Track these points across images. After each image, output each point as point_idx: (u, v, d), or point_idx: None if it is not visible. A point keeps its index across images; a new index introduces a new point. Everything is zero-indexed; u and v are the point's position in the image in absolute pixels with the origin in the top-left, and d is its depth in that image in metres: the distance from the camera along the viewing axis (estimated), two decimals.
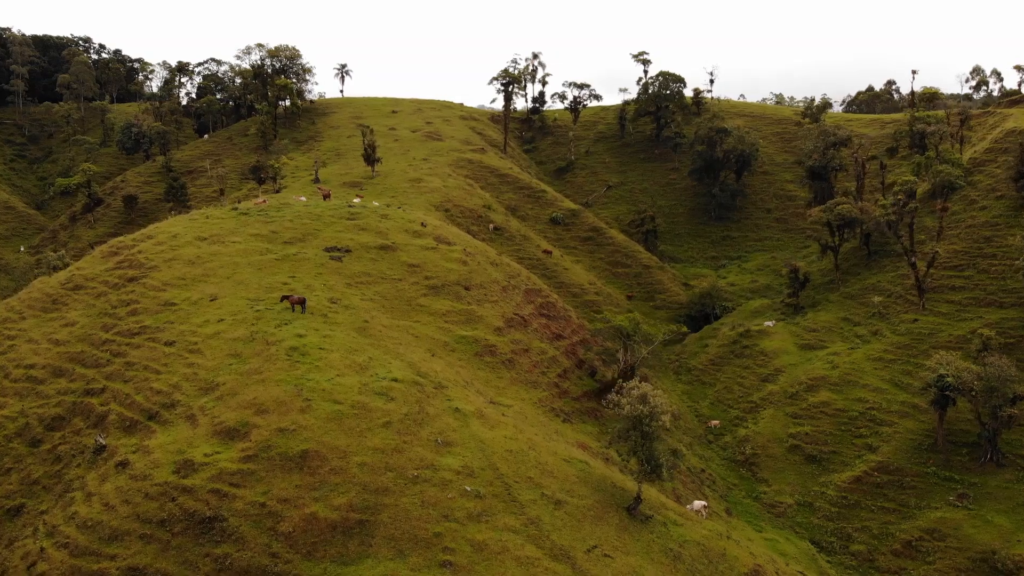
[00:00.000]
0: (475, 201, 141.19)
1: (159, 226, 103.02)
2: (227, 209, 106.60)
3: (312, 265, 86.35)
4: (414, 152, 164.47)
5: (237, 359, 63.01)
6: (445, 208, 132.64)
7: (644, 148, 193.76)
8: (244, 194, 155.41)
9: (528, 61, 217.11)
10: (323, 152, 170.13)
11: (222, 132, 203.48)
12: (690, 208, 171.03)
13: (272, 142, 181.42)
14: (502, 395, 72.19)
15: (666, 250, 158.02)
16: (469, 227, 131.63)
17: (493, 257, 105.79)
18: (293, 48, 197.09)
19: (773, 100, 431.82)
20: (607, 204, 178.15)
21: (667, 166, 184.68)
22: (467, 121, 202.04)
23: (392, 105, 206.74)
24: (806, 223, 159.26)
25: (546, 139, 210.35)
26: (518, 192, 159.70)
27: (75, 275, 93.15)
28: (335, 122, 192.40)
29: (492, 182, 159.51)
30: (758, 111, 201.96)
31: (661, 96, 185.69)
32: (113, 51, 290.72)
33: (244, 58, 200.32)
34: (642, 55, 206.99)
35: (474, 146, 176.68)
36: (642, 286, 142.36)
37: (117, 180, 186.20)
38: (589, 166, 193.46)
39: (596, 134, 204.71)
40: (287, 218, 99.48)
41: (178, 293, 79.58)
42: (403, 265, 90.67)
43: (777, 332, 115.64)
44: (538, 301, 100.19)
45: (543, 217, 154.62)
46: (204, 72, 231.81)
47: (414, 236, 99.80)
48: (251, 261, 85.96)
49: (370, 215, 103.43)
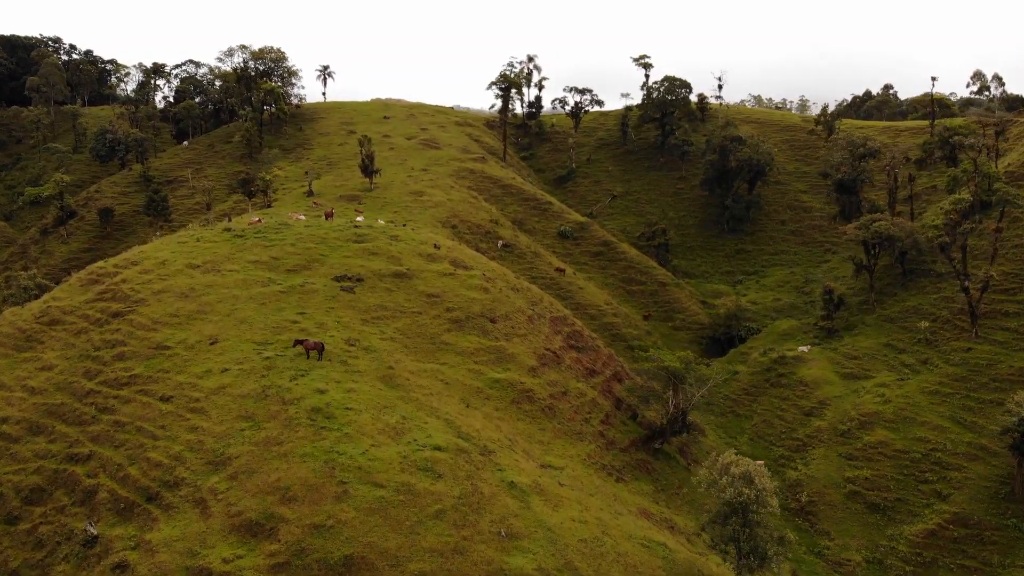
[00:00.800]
0: (481, 216, 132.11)
1: (144, 250, 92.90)
2: (219, 230, 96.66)
3: (322, 298, 76.85)
4: (412, 161, 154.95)
5: (250, 423, 53.52)
6: (452, 224, 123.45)
7: (648, 156, 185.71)
8: (231, 207, 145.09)
9: (523, 64, 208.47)
10: (314, 161, 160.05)
11: (203, 139, 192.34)
12: (701, 220, 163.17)
13: (258, 150, 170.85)
14: (549, 452, 63.30)
15: (679, 265, 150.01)
16: (478, 244, 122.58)
17: (513, 281, 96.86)
18: (278, 50, 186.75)
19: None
20: (612, 215, 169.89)
21: (674, 175, 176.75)
22: (463, 127, 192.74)
23: (383, 110, 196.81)
24: (824, 236, 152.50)
25: (544, 146, 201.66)
26: (523, 204, 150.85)
27: (51, 307, 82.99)
28: (324, 128, 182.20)
29: (496, 194, 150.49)
30: (764, 117, 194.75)
31: (666, 102, 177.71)
32: (84, 52, 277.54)
33: (226, 60, 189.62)
34: (643, 59, 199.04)
35: (473, 154, 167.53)
36: (659, 305, 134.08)
37: (91, 190, 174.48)
38: (591, 174, 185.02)
39: (597, 141, 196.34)
40: (288, 241, 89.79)
41: (171, 333, 69.79)
42: (421, 295, 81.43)
43: (814, 359, 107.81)
44: (565, 331, 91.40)
45: (551, 231, 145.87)
46: (182, 74, 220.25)
47: (429, 260, 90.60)
48: (253, 294, 76.28)
49: (379, 236, 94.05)
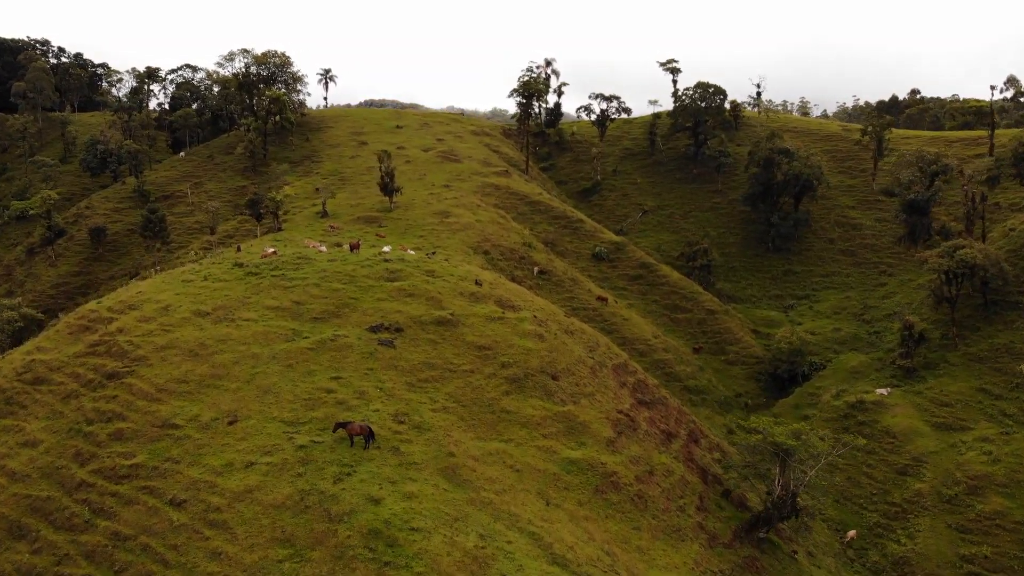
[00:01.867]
0: (513, 238, 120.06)
1: (143, 290, 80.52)
2: (229, 265, 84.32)
3: (358, 356, 64.70)
4: (432, 176, 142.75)
5: (289, 551, 41.42)
6: (484, 250, 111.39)
7: (680, 167, 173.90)
8: (235, 227, 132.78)
9: (540, 69, 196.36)
10: (324, 176, 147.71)
11: (201, 148, 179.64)
12: (742, 238, 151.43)
13: (262, 163, 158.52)
14: (652, 564, 51.32)
15: (724, 288, 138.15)
16: (513, 272, 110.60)
17: (565, 322, 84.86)
18: (283, 54, 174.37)
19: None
20: (644, 231, 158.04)
21: (709, 188, 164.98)
22: (480, 137, 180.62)
23: (395, 119, 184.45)
24: (878, 256, 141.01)
25: (564, 156, 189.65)
26: (553, 223, 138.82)
27: (35, 361, 70.63)
28: (333, 139, 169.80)
29: (524, 211, 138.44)
30: (801, 126, 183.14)
31: (699, 109, 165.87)
32: (74, 55, 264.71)
33: (226, 65, 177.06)
34: (671, 63, 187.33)
35: (495, 168, 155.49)
36: (708, 335, 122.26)
37: (81, 206, 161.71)
38: (618, 187, 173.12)
39: (622, 151, 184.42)
40: (311, 281, 77.54)
41: (180, 406, 57.61)
42: (470, 348, 69.34)
43: (897, 404, 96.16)
44: (630, 381, 79.48)
45: (584, 252, 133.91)
46: (178, 80, 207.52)
47: (472, 301, 78.50)
48: (276, 352, 64.08)
49: (413, 272, 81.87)
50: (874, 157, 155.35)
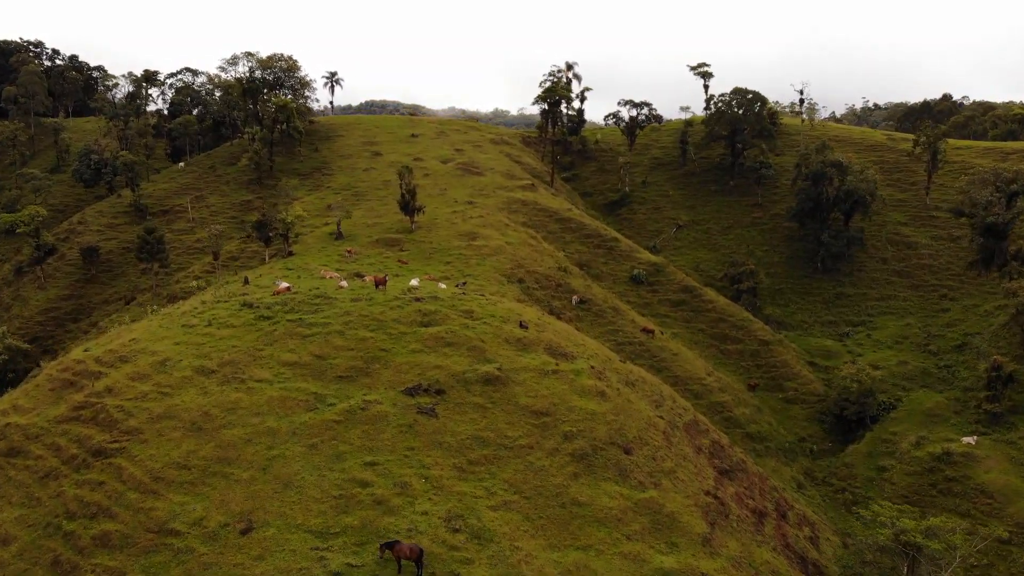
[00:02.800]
0: (547, 263, 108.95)
1: (137, 335, 69.42)
2: (236, 304, 73.17)
3: (394, 430, 53.56)
4: (453, 191, 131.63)
5: None
6: (518, 278, 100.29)
7: (714, 178, 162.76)
8: (240, 248, 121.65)
9: (561, 73, 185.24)
10: (336, 191, 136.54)
11: (202, 158, 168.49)
12: (788, 257, 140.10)
13: (268, 175, 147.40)
14: None
15: (773, 313, 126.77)
16: (550, 302, 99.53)
17: (622, 369, 73.78)
18: (289, 58, 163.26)
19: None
20: (680, 248, 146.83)
21: (747, 201, 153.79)
22: (500, 146, 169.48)
23: (409, 126, 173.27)
24: (937, 279, 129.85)
25: (588, 165, 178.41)
26: (586, 242, 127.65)
27: (11, 425, 59.99)
28: (344, 149, 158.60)
29: (554, 230, 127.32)
30: (843, 134, 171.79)
31: (737, 117, 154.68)
32: (69, 57, 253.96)
33: (228, 69, 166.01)
34: (701, 67, 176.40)
35: (520, 180, 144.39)
36: (762, 369, 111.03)
37: (74, 220, 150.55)
38: (648, 200, 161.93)
39: (651, 160, 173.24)
40: (333, 327, 66.39)
41: (180, 503, 46.54)
42: (525, 413, 58.17)
43: (988, 456, 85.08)
44: (705, 444, 68.47)
45: (620, 275, 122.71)
46: (177, 84, 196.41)
47: (519, 349, 67.35)
48: (296, 426, 52.94)
49: (449, 314, 70.71)
50: (928, 170, 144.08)
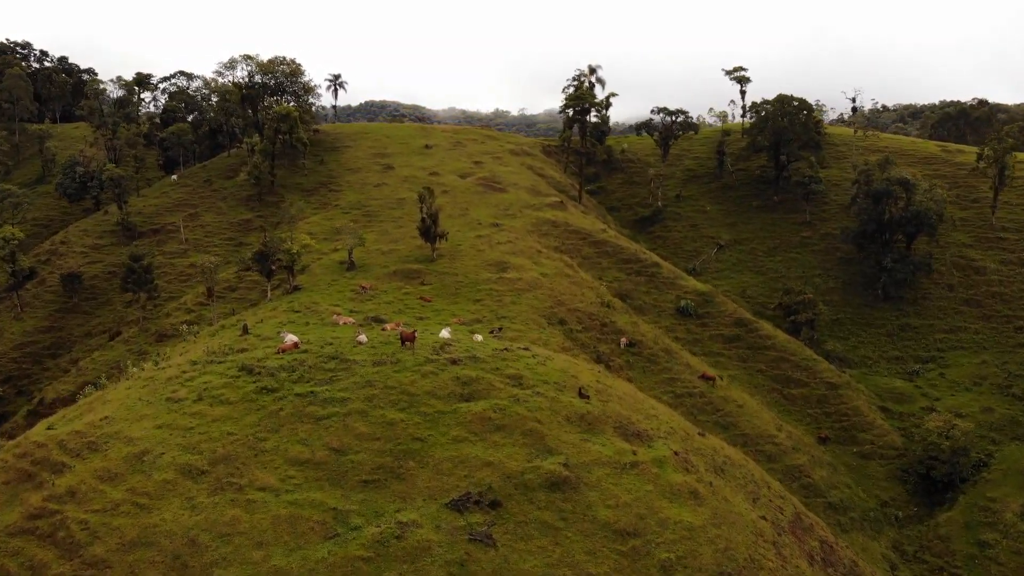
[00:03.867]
0: (588, 297, 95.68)
1: (111, 410, 56.08)
2: (234, 369, 59.79)
3: (442, 570, 40.19)
4: (476, 211, 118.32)
5: None
6: (559, 318, 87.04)
7: (755, 192, 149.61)
8: (237, 278, 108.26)
9: (584, 77, 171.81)
10: (344, 209, 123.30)
11: (197, 170, 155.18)
12: (843, 283, 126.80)
13: (269, 191, 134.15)
14: None
15: (834, 349, 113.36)
16: (596, 347, 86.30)
17: (705, 448, 60.54)
18: (292, 62, 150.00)
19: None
20: (722, 272, 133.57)
21: (794, 219, 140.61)
22: (520, 157, 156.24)
23: (422, 135, 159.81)
24: (1010, 309, 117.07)
25: (614, 177, 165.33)
26: (624, 268, 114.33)
27: None
28: (352, 161, 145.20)
29: (588, 255, 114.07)
30: (893, 145, 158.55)
31: (783, 127, 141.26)
32: (58, 58, 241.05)
33: (226, 73, 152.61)
34: (738, 71, 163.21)
35: (546, 197, 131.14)
36: (832, 418, 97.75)
37: (56, 240, 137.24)
38: (684, 216, 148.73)
39: (684, 172, 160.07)
40: (353, 405, 52.97)
41: None
42: (607, 535, 44.78)
43: None
44: (814, 548, 55.32)
45: (666, 306, 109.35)
46: (171, 89, 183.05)
47: (584, 429, 53.96)
48: (310, 565, 39.60)
49: (492, 380, 57.35)
50: (994, 186, 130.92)
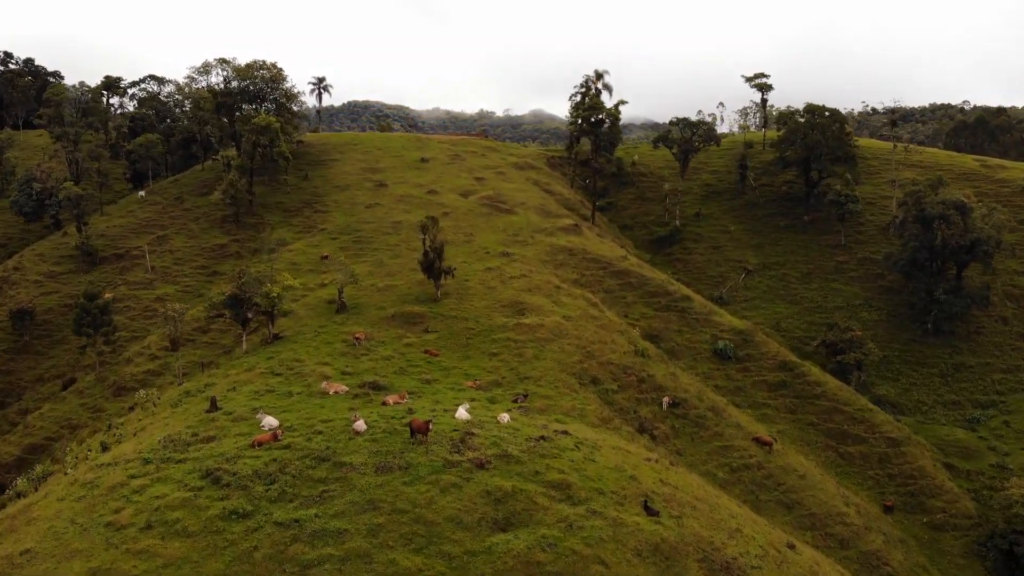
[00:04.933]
0: (620, 344, 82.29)
1: (33, 541, 42.34)
2: (196, 474, 46.02)
3: None
4: (482, 237, 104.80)
5: None
6: (591, 377, 73.64)
7: (782, 210, 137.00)
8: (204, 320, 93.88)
9: (591, 83, 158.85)
10: (333, 234, 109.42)
11: (168, 185, 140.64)
12: (887, 314, 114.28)
13: (247, 210, 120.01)
14: None
15: (885, 394, 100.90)
16: (637, 410, 72.96)
17: (808, 573, 47.38)
18: (273, 66, 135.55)
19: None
20: (752, 301, 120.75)
21: (827, 241, 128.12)
22: (524, 171, 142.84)
23: (417, 147, 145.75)
24: None
25: (625, 192, 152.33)
26: (650, 301, 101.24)
27: None
28: (340, 176, 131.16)
29: (611, 287, 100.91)
30: (928, 159, 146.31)
31: (816, 141, 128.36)
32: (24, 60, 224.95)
33: (199, 79, 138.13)
34: (759, 78, 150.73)
35: (558, 219, 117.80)
36: (895, 481, 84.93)
37: (9, 266, 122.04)
38: (705, 236, 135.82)
39: (702, 187, 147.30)
40: (351, 538, 39.55)
41: None
42: None
43: None
44: None
45: (701, 347, 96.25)
46: (140, 95, 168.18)
47: (664, 569, 40.75)
48: None
49: (534, 493, 44.06)
50: None
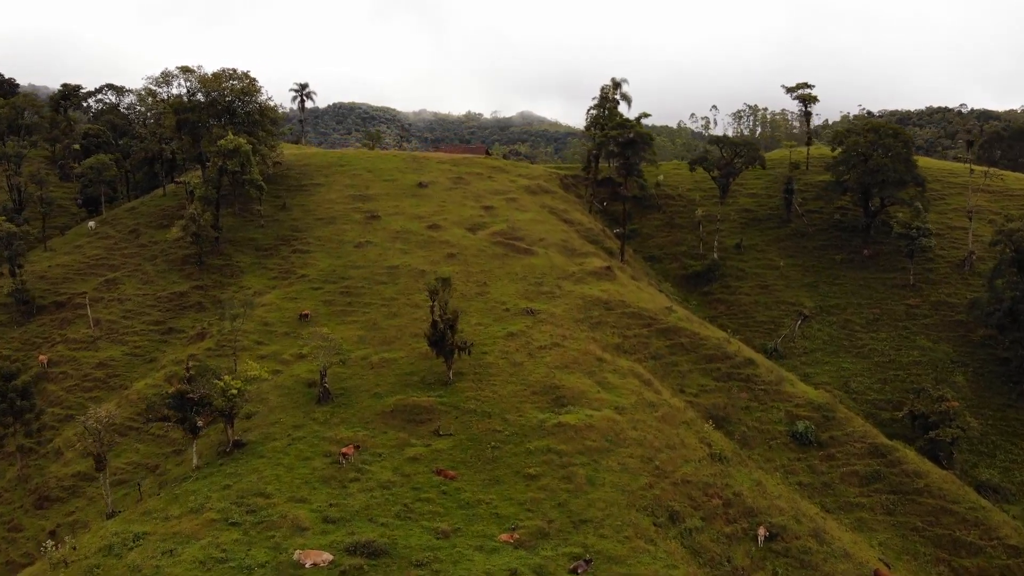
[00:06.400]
0: (690, 446, 63.20)
1: None
2: None
3: None
4: (497, 288, 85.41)
5: None
6: (668, 510, 54.41)
7: (836, 242, 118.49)
8: (160, 393, 74.27)
9: (608, 92, 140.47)
10: (315, 283, 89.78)
11: (123, 213, 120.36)
12: (972, 371, 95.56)
13: (212, 250, 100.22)
14: None
15: (989, 477, 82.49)
16: (728, 551, 53.92)
17: None
18: (245, 75, 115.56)
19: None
20: (812, 353, 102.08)
21: (892, 280, 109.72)
22: (537, 196, 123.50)
23: (414, 168, 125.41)
24: None
25: (650, 217, 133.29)
26: (707, 369, 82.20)
27: None
28: (324, 206, 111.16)
29: (659, 351, 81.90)
30: (995, 184, 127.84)
31: (881, 164, 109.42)
32: None
33: (159, 91, 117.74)
34: (802, 88, 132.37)
35: (584, 257, 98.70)
36: None
37: None
38: (748, 272, 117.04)
39: (740, 213, 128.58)
40: None
41: None
42: None
43: None
44: None
45: (776, 431, 77.17)
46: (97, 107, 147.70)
47: None
48: None
49: None
50: None
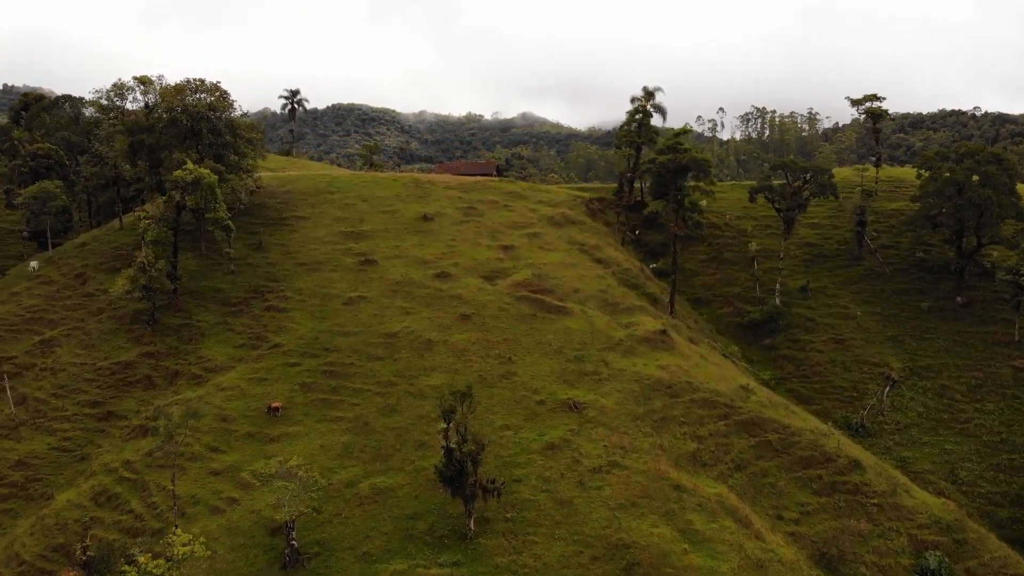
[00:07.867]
0: None
1: None
2: None
3: None
4: (527, 365, 66.15)
5: None
6: None
7: (919, 285, 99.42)
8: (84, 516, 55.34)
9: (638, 103, 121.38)
10: (291, 357, 70.55)
11: (71, 250, 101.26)
12: None
13: (168, 306, 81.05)
14: None
15: None
16: None
17: None
18: (214, 87, 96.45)
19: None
20: (906, 430, 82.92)
21: (993, 335, 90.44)
22: (563, 228, 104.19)
23: (416, 195, 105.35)
24: None
25: (692, 249, 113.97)
26: (804, 480, 62.44)
27: None
28: (307, 246, 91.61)
29: (745, 458, 62.42)
30: None
31: (983, 196, 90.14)
32: None
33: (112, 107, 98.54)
34: (870, 101, 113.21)
35: (627, 311, 79.58)
36: None
37: None
38: (819, 323, 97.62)
39: (802, 247, 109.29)
40: None
41: None
42: None
43: None
44: None
45: (898, 565, 57.79)
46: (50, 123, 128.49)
47: None
48: None
49: None
50: None
